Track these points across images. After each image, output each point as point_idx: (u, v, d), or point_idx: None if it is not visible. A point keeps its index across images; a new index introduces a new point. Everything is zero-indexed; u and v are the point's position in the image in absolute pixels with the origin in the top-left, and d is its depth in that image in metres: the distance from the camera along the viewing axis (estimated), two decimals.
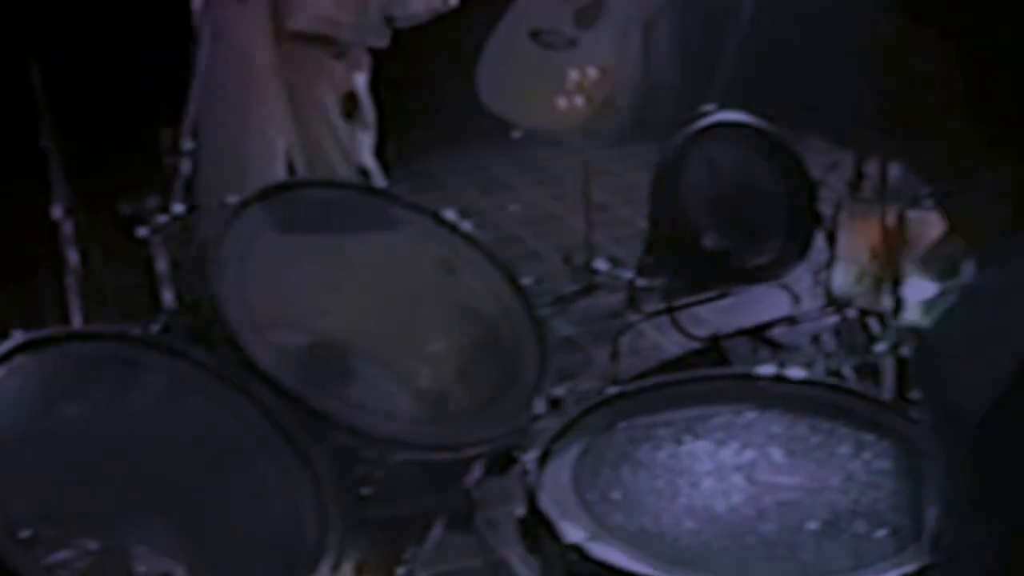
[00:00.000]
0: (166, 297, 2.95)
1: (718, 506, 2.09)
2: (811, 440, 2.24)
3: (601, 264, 4.53)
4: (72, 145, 3.13)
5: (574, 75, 4.11)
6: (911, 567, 1.89)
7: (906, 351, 2.96)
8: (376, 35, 3.69)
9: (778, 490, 2.12)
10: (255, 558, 2.20)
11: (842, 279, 3.72)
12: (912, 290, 3.01)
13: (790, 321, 3.97)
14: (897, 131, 1.07)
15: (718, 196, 3.94)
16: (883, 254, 3.26)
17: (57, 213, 3.14)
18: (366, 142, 3.73)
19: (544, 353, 2.64)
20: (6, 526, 1.96)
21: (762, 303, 4.08)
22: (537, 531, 2.07)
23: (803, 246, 3.97)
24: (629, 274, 4.32)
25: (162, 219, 2.87)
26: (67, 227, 3.16)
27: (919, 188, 3.03)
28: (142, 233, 2.87)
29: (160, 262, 2.92)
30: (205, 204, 2.90)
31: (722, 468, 2.18)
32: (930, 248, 2.78)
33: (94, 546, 2.05)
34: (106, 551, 2.06)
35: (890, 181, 3.20)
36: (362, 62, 3.67)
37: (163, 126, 2.98)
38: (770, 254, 3.98)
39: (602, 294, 4.48)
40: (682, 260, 4.00)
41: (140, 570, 2.07)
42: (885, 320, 3.28)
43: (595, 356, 4.07)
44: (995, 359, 0.94)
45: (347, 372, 2.52)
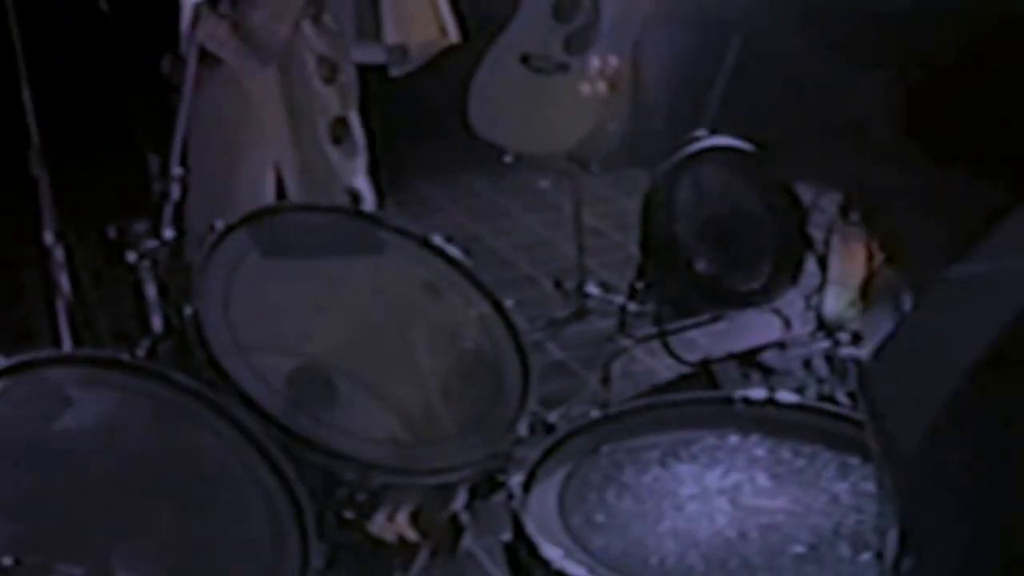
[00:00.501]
0: (154, 321, 2.95)
1: (702, 529, 2.09)
2: (795, 463, 2.24)
3: (593, 289, 4.53)
4: (62, 171, 3.14)
5: (595, 63, 4.09)
6: None
7: None
8: (392, 64, 3.70)
9: (762, 513, 2.12)
10: None
11: (834, 303, 3.72)
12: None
13: (781, 346, 3.97)
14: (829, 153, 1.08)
15: (709, 221, 3.94)
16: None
17: (48, 239, 3.14)
18: (357, 166, 3.73)
19: (527, 376, 2.64)
20: None
21: (754, 328, 4.08)
22: (523, 555, 2.06)
23: (794, 270, 3.97)
24: (620, 299, 4.32)
25: (151, 244, 2.87)
26: (58, 252, 3.16)
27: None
28: (131, 258, 2.87)
29: (148, 287, 2.92)
30: (194, 229, 2.90)
31: (706, 491, 2.18)
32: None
33: (78, 572, 2.05)
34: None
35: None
36: (352, 86, 3.67)
37: (152, 151, 2.99)
38: (761, 278, 3.97)
39: (594, 318, 4.48)
40: (673, 285, 4.00)
41: None
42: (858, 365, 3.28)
43: (587, 381, 4.07)
44: (929, 390, 0.94)
45: (331, 395, 2.52)
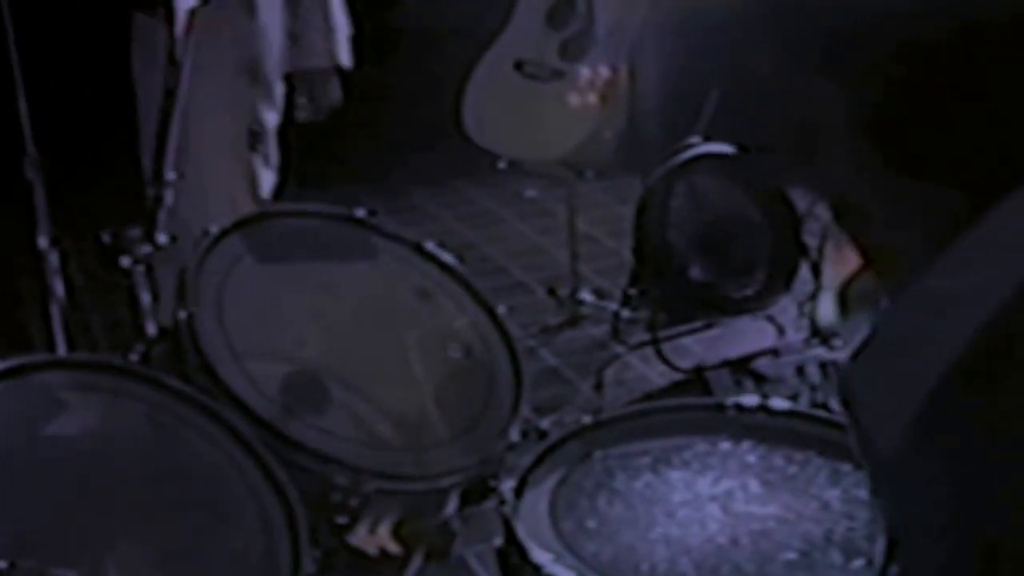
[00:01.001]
0: (149, 326, 2.95)
1: (693, 536, 2.09)
2: (787, 470, 2.24)
3: (586, 295, 4.54)
4: (57, 175, 3.14)
5: (586, 73, 4.10)
6: None
7: None
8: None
9: (753, 520, 2.12)
10: None
11: (828, 310, 3.73)
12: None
13: (774, 353, 3.98)
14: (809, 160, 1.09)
15: (703, 228, 3.95)
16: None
17: (42, 243, 3.13)
18: (268, 180, 3.65)
19: (519, 381, 2.65)
20: None
21: (747, 335, 4.08)
22: (515, 561, 2.07)
23: (788, 277, 3.98)
24: (614, 306, 4.32)
25: (145, 249, 2.87)
26: (52, 257, 3.15)
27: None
28: (125, 263, 2.87)
29: (143, 292, 2.92)
30: (181, 234, 2.89)
31: (698, 498, 2.18)
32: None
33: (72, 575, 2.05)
34: None
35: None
36: (273, 96, 3.55)
37: (146, 156, 2.99)
38: (755, 285, 3.98)
39: (587, 325, 4.49)
40: (667, 291, 4.01)
41: None
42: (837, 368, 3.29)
43: (580, 387, 4.07)
44: (904, 394, 0.95)
45: (323, 400, 2.52)
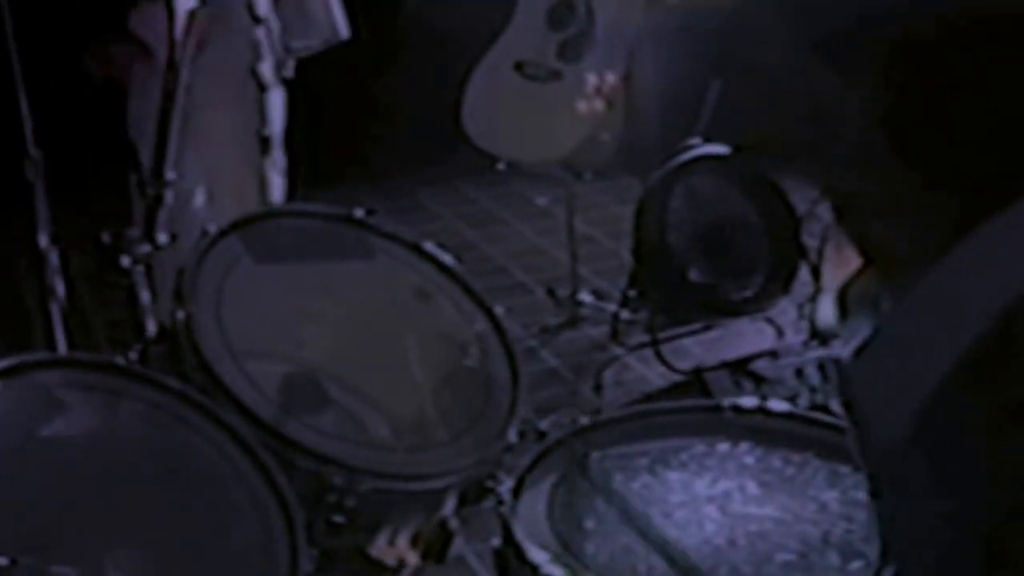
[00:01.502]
0: (148, 326, 2.96)
1: (691, 537, 2.09)
2: (785, 472, 2.25)
3: (586, 296, 4.54)
4: (57, 175, 3.14)
5: (593, 80, 4.11)
6: None
7: None
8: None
9: (751, 521, 2.12)
10: None
11: (827, 312, 3.72)
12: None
13: (773, 354, 3.98)
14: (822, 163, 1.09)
15: (702, 229, 3.95)
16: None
17: (43, 242, 3.14)
18: (277, 184, 3.66)
19: (517, 382, 2.65)
20: None
21: (746, 336, 4.09)
22: (512, 562, 2.07)
23: (787, 279, 3.98)
24: (613, 307, 4.33)
25: (144, 249, 2.87)
26: (53, 257, 3.16)
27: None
28: (124, 262, 2.88)
29: (143, 291, 2.93)
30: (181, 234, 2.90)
31: (695, 499, 2.18)
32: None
33: (71, 574, 2.05)
34: None
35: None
36: (279, 98, 3.58)
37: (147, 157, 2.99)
38: (754, 287, 3.98)
39: (586, 326, 4.49)
40: (666, 293, 4.01)
41: None
42: (839, 367, 3.28)
43: (579, 388, 4.08)
44: (904, 394, 0.95)
45: (321, 400, 2.52)
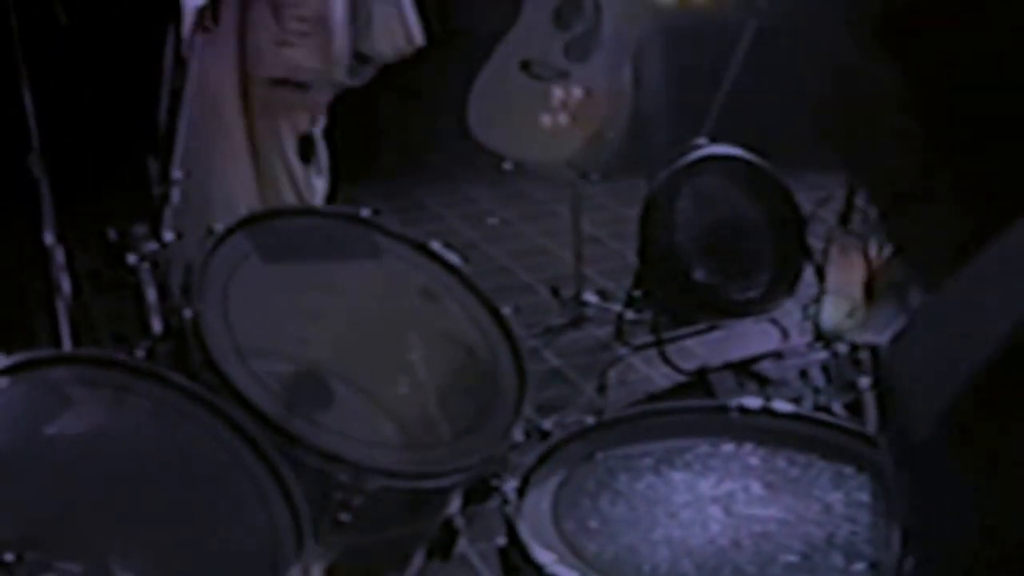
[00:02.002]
0: (154, 323, 2.97)
1: (695, 537, 2.09)
2: (789, 473, 2.25)
3: (590, 296, 4.55)
4: (62, 172, 3.15)
5: (559, 94, 4.13)
6: None
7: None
8: (349, 75, 3.68)
9: (755, 522, 2.12)
10: None
11: (831, 313, 3.73)
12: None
13: (778, 355, 3.98)
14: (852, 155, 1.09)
15: (708, 230, 3.96)
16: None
17: (48, 239, 3.15)
18: (319, 187, 3.72)
19: (523, 382, 2.65)
20: None
21: (751, 337, 4.09)
22: (517, 561, 2.07)
23: (792, 281, 3.98)
24: (618, 307, 4.33)
25: (151, 246, 2.88)
26: (58, 254, 3.17)
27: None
28: (131, 260, 2.89)
29: (148, 289, 2.94)
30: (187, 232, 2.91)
31: (700, 499, 2.18)
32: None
33: (76, 569, 2.05)
34: (89, 574, 2.06)
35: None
36: (322, 105, 3.65)
37: (152, 155, 3.00)
38: (759, 288, 3.99)
39: (590, 326, 4.50)
40: (671, 293, 4.02)
41: None
42: (875, 354, 3.29)
43: (583, 388, 4.08)
44: (943, 380, 0.95)
45: (327, 399, 2.52)
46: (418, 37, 3.77)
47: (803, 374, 3.81)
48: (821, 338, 3.80)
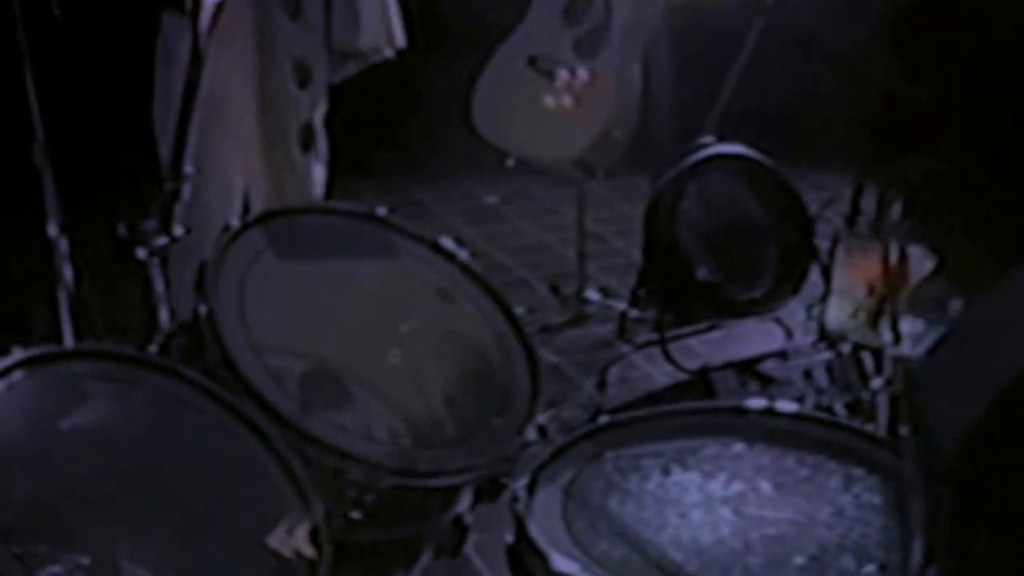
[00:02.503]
0: (162, 317, 2.97)
1: (705, 538, 2.10)
2: (800, 474, 2.26)
3: (592, 294, 4.54)
4: (68, 164, 3.14)
5: (564, 75, 4.13)
6: None
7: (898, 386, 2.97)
8: (331, 72, 3.67)
9: (766, 523, 2.13)
10: None
11: (836, 314, 3.73)
12: (907, 325, 3.01)
13: (781, 355, 3.98)
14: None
15: (713, 228, 3.95)
16: (882, 289, 3.26)
17: (52, 231, 3.14)
18: (319, 175, 3.71)
19: (536, 382, 2.66)
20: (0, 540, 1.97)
21: (754, 336, 4.09)
22: (526, 559, 2.08)
23: (797, 280, 3.98)
24: (621, 305, 4.33)
25: (161, 241, 2.88)
26: (62, 245, 3.16)
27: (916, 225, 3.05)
28: (141, 255, 2.88)
29: (158, 283, 2.94)
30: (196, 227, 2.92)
31: (710, 500, 2.19)
32: (917, 287, 2.80)
33: (85, 561, 2.06)
34: (97, 567, 2.06)
35: (888, 216, 3.22)
36: (322, 94, 3.63)
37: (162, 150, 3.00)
38: (764, 288, 3.99)
39: (591, 324, 4.49)
40: (675, 292, 4.02)
41: None
42: (881, 356, 3.29)
43: (582, 385, 4.08)
44: (974, 397, 0.96)
45: (341, 397, 2.53)
46: (400, 38, 3.74)
47: (806, 374, 3.81)
48: (825, 338, 3.80)
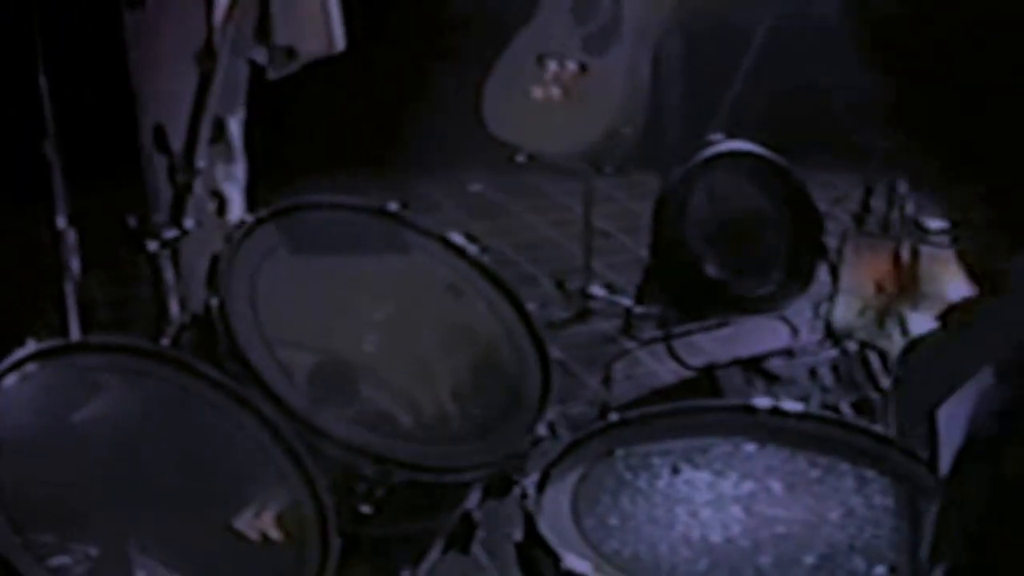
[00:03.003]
0: (172, 310, 2.97)
1: (715, 537, 2.10)
2: (810, 474, 2.26)
3: (598, 290, 4.54)
4: (77, 157, 3.14)
5: (553, 67, 4.13)
6: None
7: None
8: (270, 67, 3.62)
9: (776, 523, 2.13)
10: (254, 570, 2.21)
11: (844, 312, 3.73)
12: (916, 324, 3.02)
13: (788, 353, 3.98)
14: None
15: (721, 225, 3.96)
16: (891, 288, 3.27)
17: (60, 223, 3.14)
18: (231, 172, 3.63)
19: (547, 378, 2.66)
20: (10, 529, 1.98)
21: (760, 334, 4.08)
22: (535, 556, 2.08)
23: (805, 278, 3.99)
24: (626, 300, 4.33)
25: (171, 233, 2.88)
26: (70, 237, 3.16)
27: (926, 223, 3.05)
28: (151, 247, 2.88)
29: (168, 276, 2.94)
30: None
31: (720, 499, 2.19)
32: (950, 308, 2.78)
33: (94, 552, 2.06)
34: (106, 558, 2.07)
35: (896, 216, 3.22)
36: (233, 85, 3.54)
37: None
38: (771, 285, 3.99)
39: (596, 320, 4.48)
40: (682, 288, 4.02)
41: None
42: (887, 354, 3.30)
43: (587, 381, 4.08)
44: (940, 383, 0.96)
45: (352, 391, 2.53)
46: (339, 42, 3.65)
47: (812, 373, 3.81)
48: (832, 336, 3.81)
